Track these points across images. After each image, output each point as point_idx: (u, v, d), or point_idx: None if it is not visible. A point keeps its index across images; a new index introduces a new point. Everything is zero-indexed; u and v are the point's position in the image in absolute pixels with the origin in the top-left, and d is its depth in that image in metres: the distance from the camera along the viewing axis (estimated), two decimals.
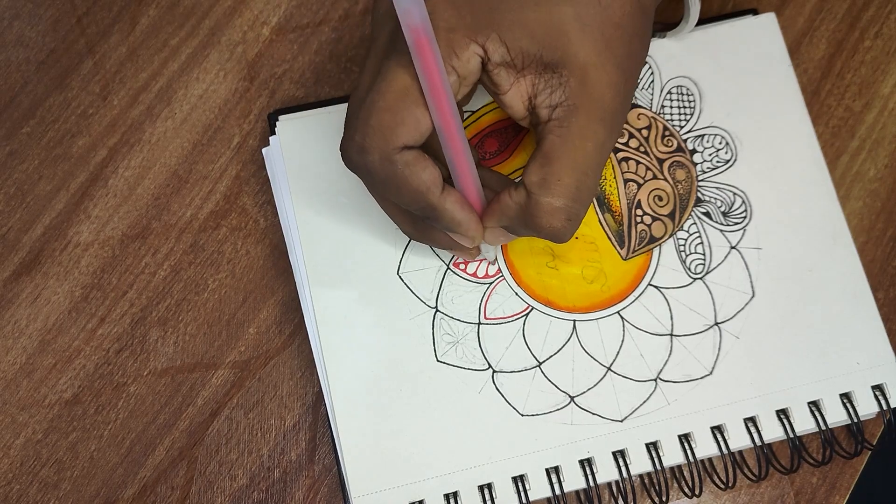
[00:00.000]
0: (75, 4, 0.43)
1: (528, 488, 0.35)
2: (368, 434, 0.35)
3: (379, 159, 0.29)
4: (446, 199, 0.30)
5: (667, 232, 0.37)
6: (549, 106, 0.29)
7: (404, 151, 0.29)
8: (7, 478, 0.37)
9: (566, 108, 0.29)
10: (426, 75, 0.27)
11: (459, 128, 0.29)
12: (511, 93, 0.30)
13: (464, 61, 0.28)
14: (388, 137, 0.28)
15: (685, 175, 0.38)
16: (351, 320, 0.36)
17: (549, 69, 0.29)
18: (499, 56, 0.29)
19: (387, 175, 0.29)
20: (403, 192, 0.30)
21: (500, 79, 0.30)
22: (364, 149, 0.29)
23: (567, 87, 0.29)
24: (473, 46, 0.28)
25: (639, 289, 0.37)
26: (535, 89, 0.30)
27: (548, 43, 0.29)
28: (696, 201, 0.38)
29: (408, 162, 0.29)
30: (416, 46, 0.27)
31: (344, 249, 0.37)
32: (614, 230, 0.37)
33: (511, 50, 0.29)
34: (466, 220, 0.31)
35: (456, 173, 0.31)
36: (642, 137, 0.38)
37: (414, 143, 0.29)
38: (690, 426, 0.35)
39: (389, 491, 0.35)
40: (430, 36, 0.26)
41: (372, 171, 0.29)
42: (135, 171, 0.40)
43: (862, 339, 0.36)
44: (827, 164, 0.38)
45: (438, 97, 0.28)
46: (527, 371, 0.36)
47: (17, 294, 0.39)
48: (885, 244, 0.39)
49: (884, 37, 0.42)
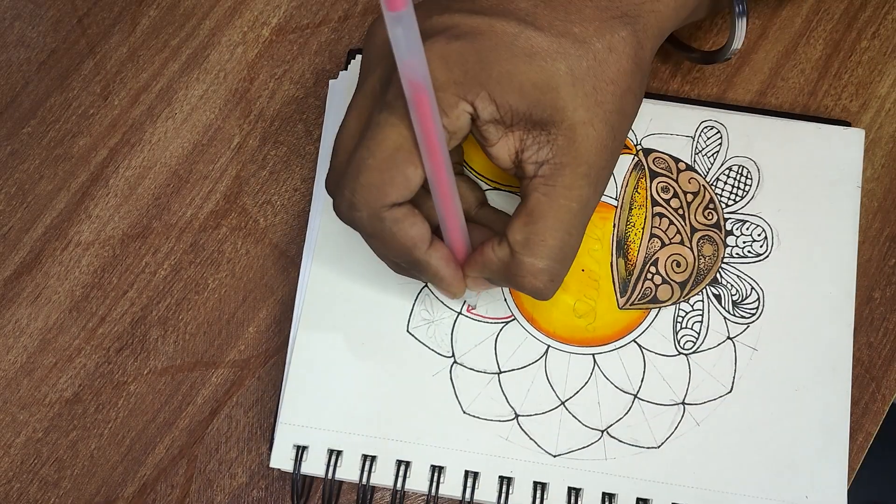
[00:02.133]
0: (76, 5, 0.43)
1: (443, 481, 0.35)
2: (317, 371, 0.36)
3: (368, 216, 0.29)
4: (432, 254, 0.30)
5: (671, 299, 0.37)
6: (535, 162, 0.29)
7: (394, 208, 0.29)
8: (7, 476, 0.37)
9: (553, 165, 0.29)
10: (423, 131, 0.27)
11: (452, 183, 0.29)
12: (498, 146, 0.30)
13: (453, 119, 0.28)
14: (378, 196, 0.28)
15: (712, 252, 0.37)
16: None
17: (537, 126, 0.29)
18: (488, 114, 0.28)
19: (375, 231, 0.29)
20: (390, 246, 0.30)
21: (488, 134, 0.29)
22: (354, 205, 0.29)
23: (554, 146, 0.28)
24: (463, 104, 0.28)
25: (622, 341, 0.37)
26: (522, 144, 0.29)
27: (537, 100, 0.28)
28: (713, 281, 0.37)
29: (396, 219, 0.29)
30: (416, 102, 0.26)
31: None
32: (622, 277, 0.37)
33: (500, 108, 0.28)
34: (450, 276, 0.31)
35: (445, 228, 0.31)
36: (685, 201, 0.38)
37: (403, 200, 0.29)
38: (617, 488, 0.35)
39: (316, 430, 0.35)
40: (429, 92, 0.26)
41: (361, 226, 0.30)
42: (135, 170, 0.41)
43: (821, 476, 0.35)
44: None
45: (434, 153, 0.27)
46: (486, 374, 0.36)
47: (18, 293, 0.39)
48: (881, 244, 0.39)
49: (881, 37, 0.42)
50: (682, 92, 0.41)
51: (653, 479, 0.35)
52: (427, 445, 0.35)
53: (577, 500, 0.35)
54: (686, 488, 0.35)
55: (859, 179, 0.38)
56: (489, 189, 0.38)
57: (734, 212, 0.38)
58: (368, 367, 0.36)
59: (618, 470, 0.35)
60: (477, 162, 0.38)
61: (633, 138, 0.39)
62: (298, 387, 0.36)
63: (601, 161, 0.29)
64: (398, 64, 0.25)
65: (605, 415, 0.36)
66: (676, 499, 0.35)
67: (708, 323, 0.37)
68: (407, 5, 0.23)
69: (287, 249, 0.40)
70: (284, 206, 0.40)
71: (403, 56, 0.25)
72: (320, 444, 0.35)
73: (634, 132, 0.39)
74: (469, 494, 0.35)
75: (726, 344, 0.37)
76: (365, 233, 0.30)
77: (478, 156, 0.38)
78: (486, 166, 0.38)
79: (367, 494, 0.36)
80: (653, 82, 0.41)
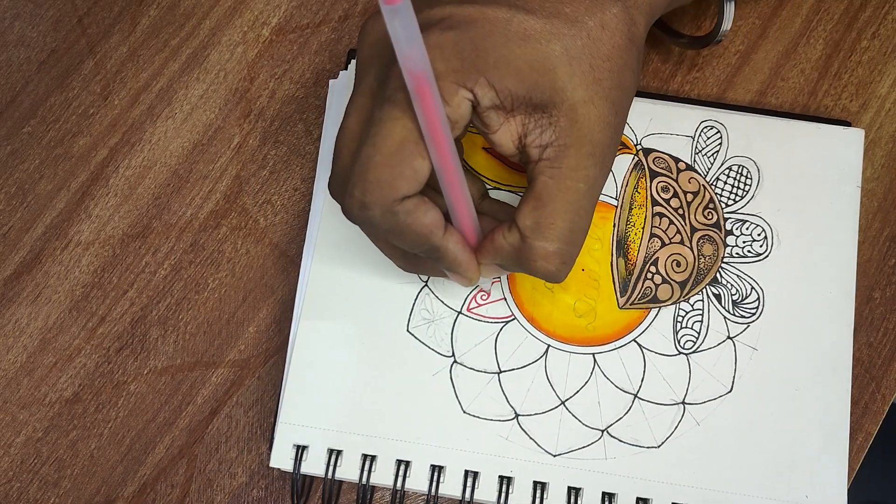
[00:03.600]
0: (76, 5, 0.43)
1: (443, 481, 0.35)
2: (317, 371, 0.36)
3: (381, 213, 0.29)
4: (449, 239, 0.30)
5: (671, 298, 0.37)
6: (539, 145, 0.29)
7: (405, 201, 0.28)
8: (7, 476, 0.37)
9: (556, 147, 0.29)
10: (427, 122, 0.27)
11: (459, 171, 0.29)
12: (501, 132, 0.30)
13: (454, 107, 0.28)
14: (389, 191, 0.28)
15: (712, 251, 0.37)
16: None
17: (538, 109, 0.29)
18: (488, 100, 0.28)
19: (390, 226, 0.29)
20: (406, 238, 0.30)
21: (490, 120, 0.29)
22: (365, 205, 0.28)
23: (557, 127, 0.28)
24: (463, 92, 0.28)
25: (622, 340, 0.37)
26: (524, 129, 0.29)
27: (536, 83, 0.28)
28: (713, 281, 0.37)
29: (409, 210, 0.29)
30: (418, 93, 0.26)
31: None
32: (622, 276, 0.37)
33: (500, 93, 0.28)
34: (467, 260, 0.31)
35: (456, 216, 0.31)
36: (685, 201, 0.38)
37: (414, 191, 0.28)
38: (617, 488, 0.35)
39: (316, 430, 0.35)
40: (431, 82, 0.26)
41: (374, 223, 0.29)
42: (135, 170, 0.41)
43: (821, 475, 0.35)
44: None
45: (439, 142, 0.27)
46: (486, 373, 0.36)
47: (18, 293, 0.39)
48: (881, 244, 0.39)
49: (881, 37, 0.42)
50: (682, 92, 0.41)
51: (653, 478, 0.35)
52: (427, 445, 0.35)
53: (577, 500, 0.35)
54: (686, 488, 0.35)
55: (859, 179, 0.38)
56: (489, 189, 0.38)
57: (734, 211, 0.38)
58: (368, 366, 0.36)
59: (618, 469, 0.35)
60: (476, 161, 0.38)
61: (633, 138, 0.39)
62: (298, 386, 0.36)
63: (605, 139, 0.29)
64: (398, 56, 0.25)
65: (605, 414, 0.36)
66: (676, 498, 0.35)
67: (708, 322, 0.37)
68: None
69: (287, 249, 0.40)
70: (284, 206, 0.40)
71: (403, 48, 0.25)
72: (320, 444, 0.35)
73: (634, 132, 0.39)
74: (469, 494, 0.35)
75: (726, 344, 0.37)
76: (379, 230, 0.30)
77: (476, 155, 0.38)
78: (485, 165, 0.38)
79: (367, 494, 0.36)
80: (653, 82, 0.41)
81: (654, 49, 0.42)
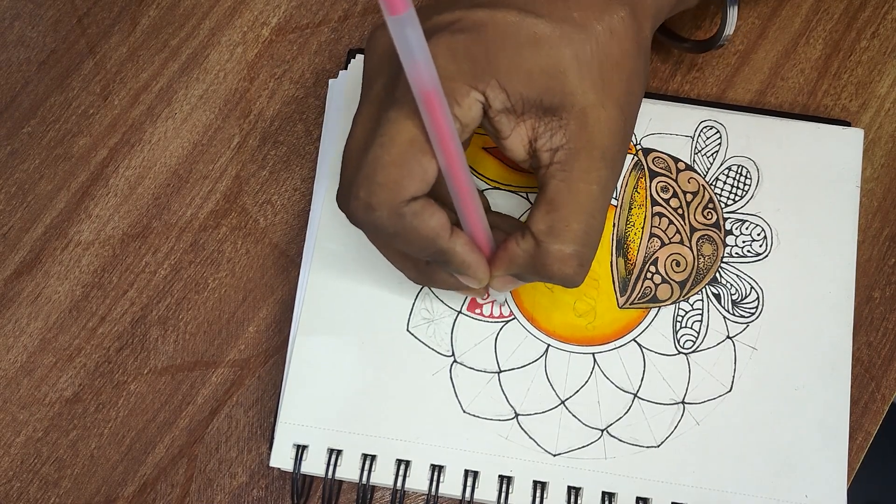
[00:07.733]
0: (76, 5, 0.43)
1: (443, 480, 0.35)
2: (317, 370, 0.36)
3: (387, 215, 0.28)
4: (456, 241, 0.30)
5: (671, 298, 0.37)
6: (549, 149, 0.29)
7: (412, 203, 0.28)
8: (7, 476, 0.37)
9: (567, 151, 0.29)
10: (435, 127, 0.27)
11: (467, 175, 0.29)
12: (512, 137, 0.30)
13: (465, 109, 0.28)
14: (396, 192, 0.28)
15: (711, 251, 0.37)
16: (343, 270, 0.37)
17: (548, 113, 0.29)
18: (499, 103, 0.28)
19: (396, 228, 0.29)
20: (413, 241, 0.29)
21: (501, 125, 0.29)
22: (371, 206, 0.28)
23: (567, 130, 0.28)
24: (474, 94, 0.28)
25: (622, 340, 0.37)
26: (535, 133, 0.29)
27: (546, 87, 0.28)
28: (712, 280, 0.37)
29: (416, 212, 0.28)
30: (426, 103, 0.26)
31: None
32: (621, 276, 0.37)
33: (511, 96, 0.28)
34: (476, 262, 0.31)
35: (465, 220, 0.30)
36: (685, 201, 0.38)
37: (421, 193, 0.28)
38: (617, 487, 0.35)
39: (316, 430, 0.35)
40: (438, 91, 0.26)
41: (380, 226, 0.29)
42: (135, 170, 0.41)
43: (820, 475, 0.35)
44: None
45: (447, 147, 0.27)
46: (486, 373, 0.36)
47: (18, 293, 0.39)
48: (881, 243, 0.39)
49: (880, 37, 0.42)
50: (682, 92, 0.41)
51: (652, 478, 0.35)
52: (427, 444, 0.35)
53: (577, 500, 0.35)
54: (686, 487, 0.35)
55: (858, 179, 0.38)
56: (489, 189, 0.38)
57: (734, 211, 0.38)
58: (368, 366, 0.36)
59: (617, 469, 0.35)
60: (476, 161, 0.38)
61: (633, 138, 0.39)
62: (298, 386, 0.36)
63: (615, 142, 0.29)
64: (405, 67, 0.25)
65: (605, 414, 0.36)
66: (676, 498, 0.35)
67: (707, 322, 0.37)
68: (408, 8, 0.23)
69: (287, 249, 0.40)
70: (284, 206, 0.40)
71: (409, 58, 0.25)
72: (320, 444, 0.35)
73: (634, 132, 0.39)
74: (469, 494, 0.35)
75: (726, 343, 0.37)
76: (385, 233, 0.29)
77: (477, 154, 0.38)
78: (486, 165, 0.38)
79: (367, 494, 0.36)
80: (653, 82, 0.41)
81: (654, 49, 0.42)
